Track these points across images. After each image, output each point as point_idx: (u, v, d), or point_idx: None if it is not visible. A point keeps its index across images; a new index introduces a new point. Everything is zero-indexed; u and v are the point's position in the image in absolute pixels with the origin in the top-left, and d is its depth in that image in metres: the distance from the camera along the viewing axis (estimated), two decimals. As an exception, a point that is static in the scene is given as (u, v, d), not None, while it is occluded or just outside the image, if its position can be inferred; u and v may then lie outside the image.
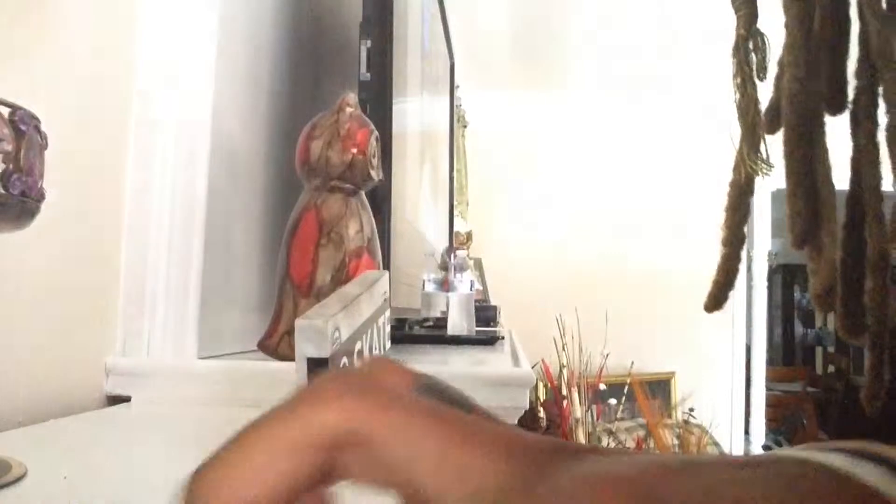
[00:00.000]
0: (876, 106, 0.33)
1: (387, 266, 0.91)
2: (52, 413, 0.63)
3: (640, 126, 3.62)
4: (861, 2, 0.32)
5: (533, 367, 0.83)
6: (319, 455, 0.18)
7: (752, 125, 0.35)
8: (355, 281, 0.65)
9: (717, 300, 0.37)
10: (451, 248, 1.33)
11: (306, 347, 0.47)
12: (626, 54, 3.11)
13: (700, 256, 3.51)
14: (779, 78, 0.36)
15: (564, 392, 2.76)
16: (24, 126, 0.39)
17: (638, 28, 2.86)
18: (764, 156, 0.35)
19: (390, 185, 1.02)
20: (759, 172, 0.35)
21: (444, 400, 0.21)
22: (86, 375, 0.71)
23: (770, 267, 3.78)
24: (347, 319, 0.53)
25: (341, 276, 0.78)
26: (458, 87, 2.66)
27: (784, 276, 6.71)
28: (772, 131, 0.35)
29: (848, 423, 4.70)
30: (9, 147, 0.38)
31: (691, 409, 3.12)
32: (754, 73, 0.37)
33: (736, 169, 0.35)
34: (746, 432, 3.83)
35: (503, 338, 1.33)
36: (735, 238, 0.36)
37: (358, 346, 0.55)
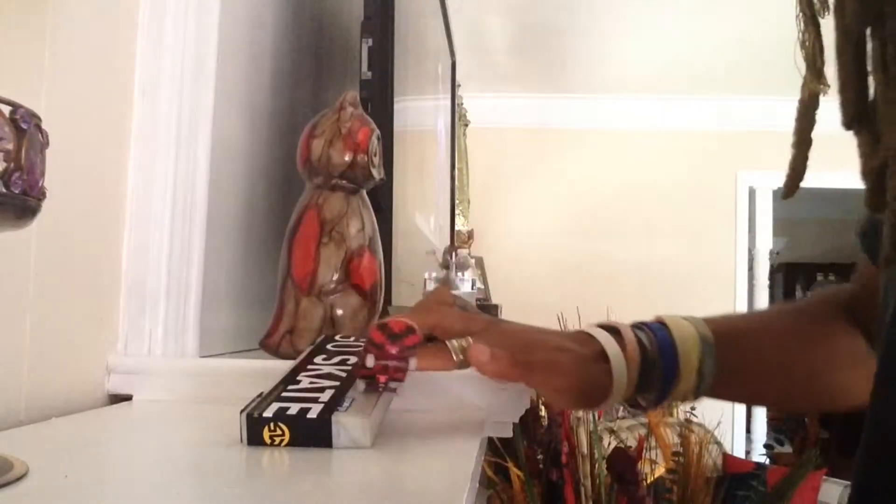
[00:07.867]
0: None
1: (388, 265, 0.91)
2: (53, 411, 0.63)
3: (640, 125, 3.62)
4: None
5: (534, 366, 0.82)
6: None
7: (813, 56, 0.44)
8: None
9: (790, 189, 0.45)
10: (452, 247, 1.33)
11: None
12: (627, 54, 3.11)
13: (701, 256, 3.51)
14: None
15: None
16: (25, 124, 0.39)
17: (638, 28, 2.85)
18: (825, 80, 0.44)
19: (392, 184, 1.02)
20: (821, 91, 0.44)
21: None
22: (87, 374, 0.71)
23: (772, 266, 3.78)
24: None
25: (342, 275, 0.78)
26: (459, 85, 2.65)
27: (786, 275, 6.70)
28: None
29: (849, 421, 4.68)
30: (10, 145, 0.38)
31: (693, 408, 3.11)
32: (815, 10, 0.44)
33: (802, 89, 0.44)
34: (748, 431, 3.83)
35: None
36: (803, 141, 0.44)
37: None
